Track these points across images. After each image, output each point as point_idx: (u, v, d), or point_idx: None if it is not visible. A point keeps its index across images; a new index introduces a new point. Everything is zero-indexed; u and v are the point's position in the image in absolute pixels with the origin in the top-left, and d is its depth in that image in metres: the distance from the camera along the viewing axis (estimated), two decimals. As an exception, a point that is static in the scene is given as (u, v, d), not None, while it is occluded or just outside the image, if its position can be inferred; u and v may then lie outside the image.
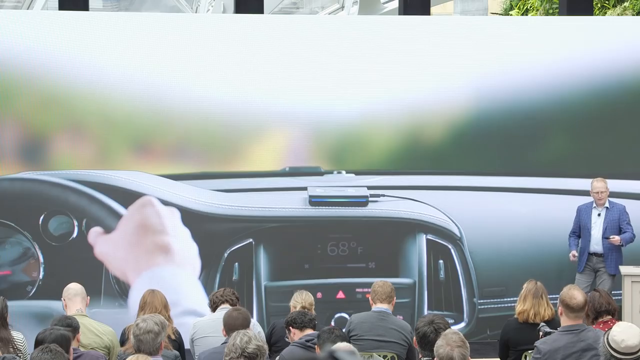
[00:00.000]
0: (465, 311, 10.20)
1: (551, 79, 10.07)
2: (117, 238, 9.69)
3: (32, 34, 9.41)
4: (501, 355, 7.32)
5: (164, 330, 5.70)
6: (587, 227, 9.63)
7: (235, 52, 9.74)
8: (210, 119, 9.74)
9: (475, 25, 10.45)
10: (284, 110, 9.87)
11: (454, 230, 10.14)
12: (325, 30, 10.07)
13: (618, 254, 9.55)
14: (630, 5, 14.67)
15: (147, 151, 9.92)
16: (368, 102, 9.94)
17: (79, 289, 7.00)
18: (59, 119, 9.57)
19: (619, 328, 5.29)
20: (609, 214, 9.60)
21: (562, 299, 6.18)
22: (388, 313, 6.96)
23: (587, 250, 9.60)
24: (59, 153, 9.65)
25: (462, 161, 10.28)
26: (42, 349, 5.25)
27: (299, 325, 6.55)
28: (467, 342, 5.05)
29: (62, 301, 7.02)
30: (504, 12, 18.00)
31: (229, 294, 7.20)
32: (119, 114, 9.63)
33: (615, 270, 9.45)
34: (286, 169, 10.16)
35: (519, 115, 10.07)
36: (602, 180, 9.62)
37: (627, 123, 10.22)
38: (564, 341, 6.09)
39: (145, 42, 9.65)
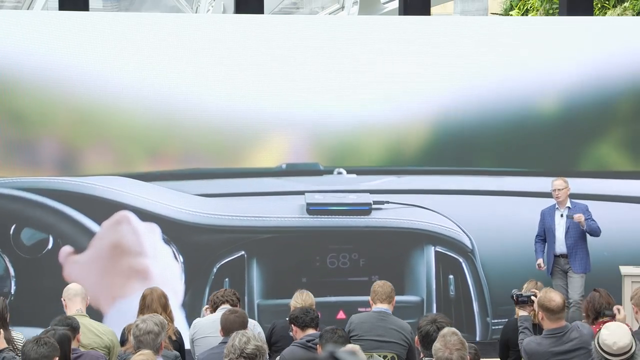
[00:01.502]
0: (477, 332, 9.79)
1: (551, 79, 10.05)
2: (88, 260, 8.89)
3: (32, 34, 9.40)
4: (501, 355, 7.33)
5: (163, 330, 5.71)
6: (552, 229, 9.33)
7: (234, 51, 9.72)
8: (210, 119, 9.68)
9: (474, 25, 10.43)
10: (283, 109, 9.79)
11: (465, 241, 9.63)
12: (326, 31, 10.04)
13: (583, 252, 9.29)
14: (630, 5, 14.67)
15: (150, 152, 9.75)
16: (366, 103, 9.90)
17: (79, 289, 6.99)
18: (59, 119, 9.53)
19: (607, 330, 5.33)
20: (571, 213, 9.31)
21: (541, 303, 6.17)
22: (388, 313, 6.96)
23: (552, 252, 9.33)
24: (55, 155, 9.50)
25: (466, 160, 9.94)
26: (36, 342, 5.24)
27: (300, 324, 6.54)
28: (466, 343, 5.04)
29: (62, 301, 7.01)
30: (504, 12, 18.00)
31: (229, 294, 7.16)
32: (120, 113, 9.58)
33: (582, 269, 9.23)
34: (283, 166, 9.70)
35: (519, 114, 10.04)
36: (561, 178, 9.37)
37: (627, 123, 10.20)
38: (547, 345, 6.09)
39: (145, 42, 9.63)
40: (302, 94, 9.82)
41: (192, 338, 7.07)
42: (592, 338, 5.85)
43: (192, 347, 7.09)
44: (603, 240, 9.55)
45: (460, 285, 9.64)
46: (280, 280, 9.52)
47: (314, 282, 9.55)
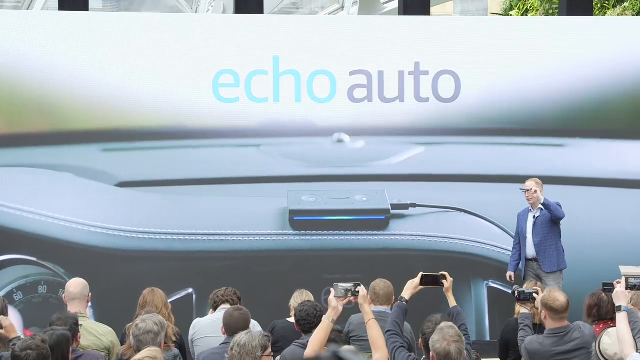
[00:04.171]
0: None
1: (550, 79, 10.05)
2: None
3: (32, 34, 9.39)
4: (501, 355, 7.34)
5: (163, 330, 5.73)
6: (524, 232, 8.95)
7: (234, 51, 9.72)
8: (210, 119, 9.66)
9: (474, 24, 10.43)
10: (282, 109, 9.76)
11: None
12: (329, 31, 10.02)
13: (552, 249, 8.97)
14: (630, 5, 14.67)
15: (155, 156, 9.54)
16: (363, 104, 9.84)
17: (78, 288, 6.91)
18: (58, 119, 9.52)
19: (609, 339, 5.35)
20: (542, 214, 8.99)
21: (545, 302, 6.17)
22: (387, 313, 6.96)
23: (524, 256, 8.93)
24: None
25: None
26: (27, 347, 5.18)
27: (302, 328, 6.48)
28: (463, 337, 5.05)
29: (62, 298, 6.95)
30: (504, 12, 18.01)
31: (230, 293, 7.05)
32: (119, 113, 9.57)
33: (552, 267, 8.93)
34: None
35: (519, 114, 10.04)
36: (532, 179, 9.03)
37: (627, 123, 10.20)
38: (550, 345, 6.09)
39: (145, 42, 9.63)
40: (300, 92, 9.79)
41: (191, 338, 7.06)
42: (593, 338, 5.86)
43: (191, 347, 7.09)
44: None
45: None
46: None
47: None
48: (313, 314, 6.39)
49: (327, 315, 5.55)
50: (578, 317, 6.76)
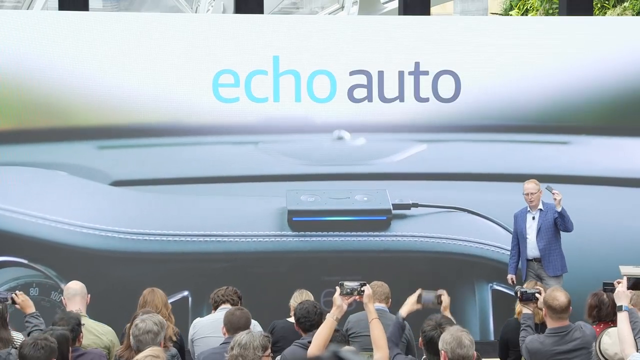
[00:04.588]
0: None
1: (550, 79, 10.05)
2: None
3: (32, 34, 9.39)
4: (501, 355, 7.33)
5: (163, 330, 5.72)
6: (523, 233, 8.96)
7: (234, 51, 9.72)
8: (210, 119, 9.66)
9: (473, 25, 10.43)
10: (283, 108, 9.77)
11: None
12: (329, 31, 10.03)
13: (556, 253, 9.05)
14: (630, 5, 14.67)
15: (158, 154, 9.52)
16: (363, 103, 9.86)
17: (78, 288, 6.93)
18: (57, 119, 9.52)
19: (610, 339, 5.34)
20: (542, 215, 9.06)
21: (545, 301, 6.17)
22: (385, 311, 6.97)
23: (525, 257, 8.94)
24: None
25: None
26: (34, 345, 5.22)
27: (302, 326, 6.49)
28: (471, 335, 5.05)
29: (62, 299, 6.97)
30: (504, 12, 18.01)
31: (230, 293, 7.04)
32: (119, 113, 9.57)
33: (556, 271, 9.02)
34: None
35: (520, 114, 10.03)
36: (532, 181, 9.09)
37: (626, 122, 10.20)
38: (550, 344, 6.09)
39: (145, 42, 9.63)
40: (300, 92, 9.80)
41: (191, 338, 7.06)
42: (594, 338, 5.86)
43: (191, 347, 7.08)
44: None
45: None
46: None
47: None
48: (313, 312, 6.38)
49: (332, 313, 5.56)
50: (579, 316, 6.75)
